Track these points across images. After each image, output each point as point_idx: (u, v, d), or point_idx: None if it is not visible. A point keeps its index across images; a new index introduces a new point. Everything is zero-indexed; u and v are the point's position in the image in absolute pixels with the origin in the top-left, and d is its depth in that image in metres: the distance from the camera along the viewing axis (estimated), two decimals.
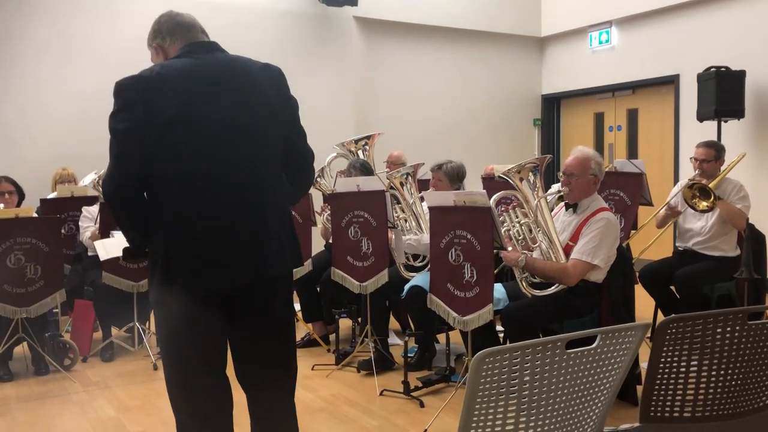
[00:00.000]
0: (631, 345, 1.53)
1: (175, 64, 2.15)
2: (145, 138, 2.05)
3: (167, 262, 2.08)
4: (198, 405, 2.21)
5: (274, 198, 2.22)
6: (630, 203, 4.54)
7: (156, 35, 2.28)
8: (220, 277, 2.11)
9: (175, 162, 2.08)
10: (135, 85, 2.07)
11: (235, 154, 2.13)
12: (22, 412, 3.67)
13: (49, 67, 6.10)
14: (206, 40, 2.25)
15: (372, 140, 5.47)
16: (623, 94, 8.18)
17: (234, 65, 2.20)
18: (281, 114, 2.26)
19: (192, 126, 2.08)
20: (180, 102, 2.07)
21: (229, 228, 2.11)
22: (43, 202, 5.17)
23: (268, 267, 2.18)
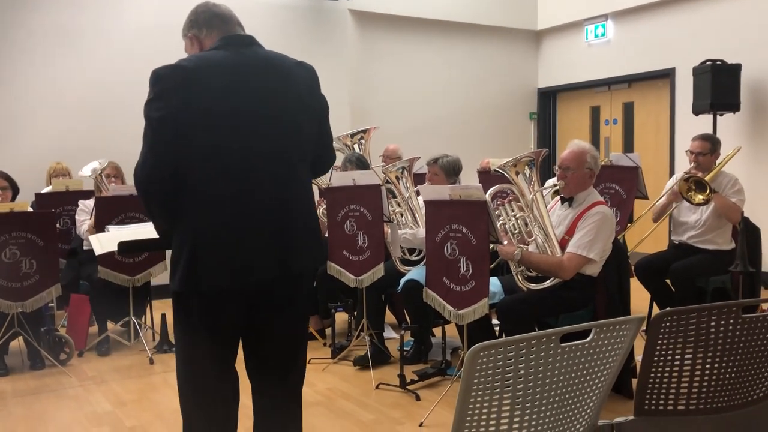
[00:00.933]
0: (625, 338, 1.53)
1: (213, 56, 2.13)
2: (178, 128, 2.04)
3: (193, 254, 2.07)
4: (206, 399, 2.22)
5: (302, 195, 2.23)
6: (626, 197, 4.54)
7: (192, 25, 2.25)
8: (245, 272, 2.10)
9: (206, 154, 2.08)
10: (172, 74, 2.05)
11: (267, 150, 2.13)
12: (18, 406, 3.67)
13: (44, 60, 6.07)
14: (243, 34, 2.24)
15: (368, 134, 5.46)
16: (619, 87, 8.18)
17: (270, 61, 2.20)
18: (313, 113, 2.26)
19: (226, 120, 2.07)
20: (216, 95, 2.06)
21: (256, 224, 2.11)
22: (38, 196, 5.16)
23: (293, 264, 2.17)
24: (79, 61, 6.15)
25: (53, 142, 5.89)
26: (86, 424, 3.40)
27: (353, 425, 3.33)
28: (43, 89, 6.05)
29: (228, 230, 2.08)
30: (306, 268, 2.25)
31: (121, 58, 6.18)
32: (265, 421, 2.32)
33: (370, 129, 5.49)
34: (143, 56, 6.10)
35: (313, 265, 2.30)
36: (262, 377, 2.29)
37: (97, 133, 5.88)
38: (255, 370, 2.30)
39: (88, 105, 6.03)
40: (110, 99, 5.99)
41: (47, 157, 5.65)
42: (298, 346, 2.33)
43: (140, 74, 2.18)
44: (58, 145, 5.85)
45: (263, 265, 2.12)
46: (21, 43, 6.01)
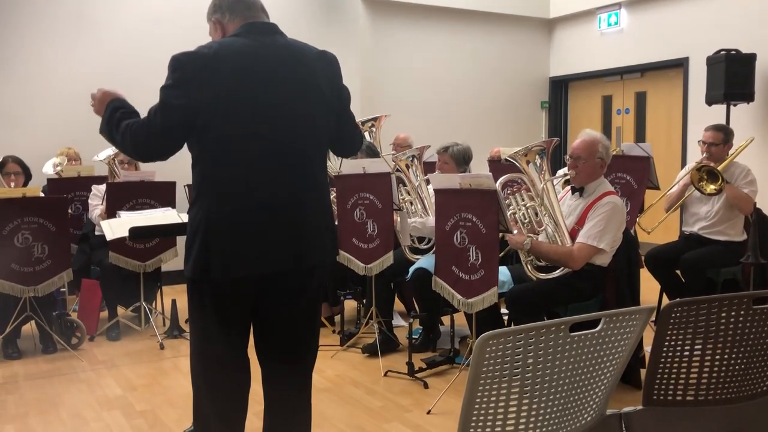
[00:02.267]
0: (635, 328, 1.53)
1: (234, 43, 2.12)
2: (195, 118, 2.05)
3: (206, 243, 2.09)
4: (217, 384, 2.25)
5: (317, 187, 2.23)
6: (637, 187, 4.52)
7: (216, 10, 2.24)
8: (257, 263, 2.11)
9: (221, 143, 2.08)
10: (191, 61, 2.06)
11: (283, 140, 2.13)
12: (31, 389, 3.71)
13: (53, 47, 6.08)
14: (266, 21, 2.23)
15: (378, 122, 5.45)
16: (631, 77, 8.12)
17: (291, 50, 2.19)
18: (333, 102, 2.26)
19: (242, 109, 2.07)
20: (233, 84, 2.06)
21: (270, 215, 2.11)
22: (50, 181, 5.19)
23: (306, 257, 2.18)
24: (93, 47, 6.16)
25: (66, 128, 5.92)
26: (97, 408, 3.44)
27: (361, 412, 3.35)
28: (57, 75, 6.06)
29: (241, 220, 2.09)
30: (319, 260, 2.25)
31: (135, 45, 6.18)
32: (274, 408, 2.34)
33: (380, 117, 5.48)
34: (157, 43, 6.11)
35: (327, 258, 2.29)
36: (272, 364, 2.31)
37: None
38: (265, 357, 2.32)
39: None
40: (124, 85, 6.00)
41: (60, 143, 5.67)
42: (309, 335, 2.34)
43: (154, 61, 2.19)
44: (71, 131, 5.88)
45: (276, 257, 2.13)
46: (35, 29, 6.02)
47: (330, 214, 2.31)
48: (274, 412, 2.34)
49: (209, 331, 2.21)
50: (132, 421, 3.27)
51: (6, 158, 4.72)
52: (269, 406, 2.34)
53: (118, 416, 3.33)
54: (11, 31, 5.95)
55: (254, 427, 2.49)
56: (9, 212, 4.08)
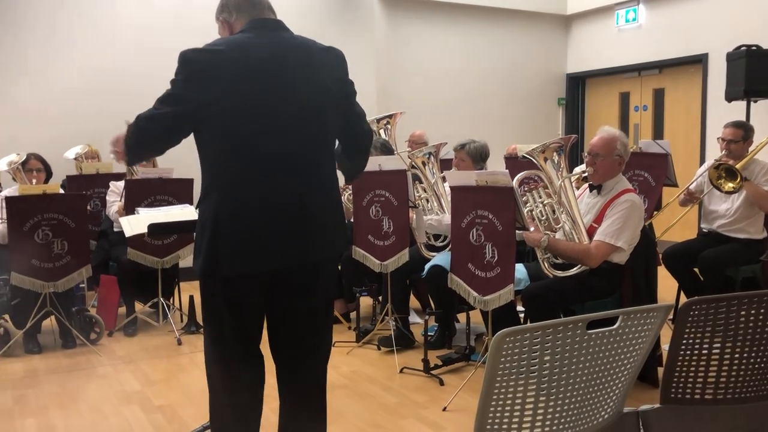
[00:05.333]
0: (652, 326, 1.52)
1: (239, 40, 2.15)
2: (201, 115, 2.08)
3: (214, 239, 2.11)
4: (232, 379, 2.27)
5: (324, 182, 2.23)
6: (654, 184, 4.49)
7: (223, 9, 2.28)
8: (264, 259, 2.13)
9: (228, 140, 2.11)
10: (199, 57, 2.08)
11: (289, 136, 2.14)
12: (51, 383, 3.76)
13: (72, 45, 6.14)
14: (271, 18, 2.25)
15: (394, 119, 5.45)
16: (649, 73, 8.05)
17: (297, 46, 2.21)
18: (339, 98, 2.27)
19: (249, 105, 2.09)
20: (239, 80, 2.08)
21: (276, 212, 2.13)
22: (69, 178, 5.25)
23: (313, 253, 2.20)
24: (112, 45, 6.21)
25: (86, 125, 5.97)
26: (116, 403, 3.47)
27: (377, 408, 3.36)
28: (76, 73, 6.12)
29: (247, 217, 2.11)
30: (327, 256, 2.26)
31: (152, 42, 6.23)
32: (289, 404, 2.35)
33: (396, 114, 5.48)
34: (171, 40, 6.15)
35: (334, 253, 2.31)
36: (285, 360, 2.33)
37: (122, 116, 5.96)
38: (279, 353, 2.33)
39: (119, 89, 6.09)
40: (139, 82, 6.06)
41: (79, 141, 5.73)
42: (321, 330, 2.35)
43: (169, 58, 2.20)
44: (91, 128, 5.93)
45: (282, 253, 2.14)
46: (54, 28, 6.08)
47: (338, 211, 2.32)
48: (289, 408, 2.35)
49: (222, 326, 2.23)
50: (150, 415, 3.30)
51: (29, 155, 4.77)
52: (284, 402, 2.36)
53: (136, 411, 3.36)
54: (31, 30, 6.01)
55: (270, 423, 2.51)
56: (30, 209, 4.13)
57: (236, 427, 2.29)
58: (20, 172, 4.66)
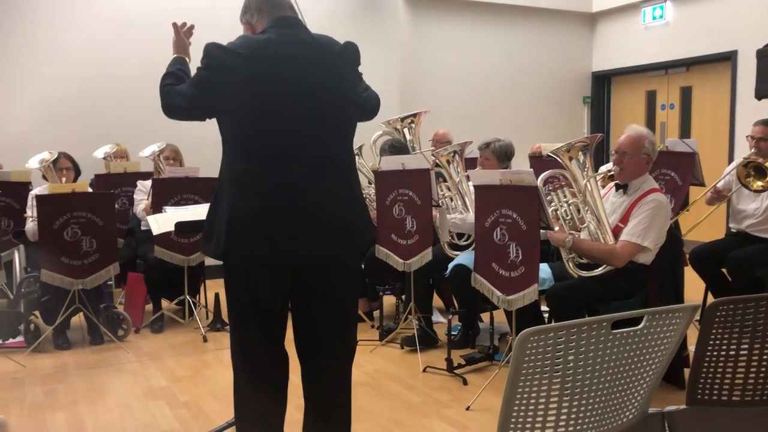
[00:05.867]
0: (678, 327, 1.51)
1: (258, 39, 2.21)
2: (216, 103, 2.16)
3: (230, 232, 2.14)
4: (254, 371, 2.30)
5: (343, 179, 2.25)
6: (681, 183, 4.43)
7: (246, 11, 2.33)
8: (279, 253, 2.16)
9: (246, 136, 2.15)
10: (219, 54, 2.15)
11: (306, 133, 2.17)
12: (80, 379, 3.83)
13: (99, 45, 6.23)
14: (291, 17, 2.29)
15: (418, 118, 5.44)
16: (677, 71, 7.95)
17: (314, 44, 2.24)
18: (355, 96, 2.29)
19: (265, 102, 2.13)
20: (256, 78, 2.12)
21: (292, 206, 2.15)
22: (98, 177, 5.33)
23: (331, 249, 2.22)
24: (138, 45, 6.29)
25: (114, 125, 6.07)
26: (143, 398, 3.53)
27: (400, 406, 3.37)
28: (104, 74, 6.21)
29: (263, 214, 2.13)
30: (346, 253, 2.28)
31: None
32: (313, 401, 2.37)
33: (420, 113, 5.47)
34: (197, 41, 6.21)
35: (354, 249, 2.32)
36: (308, 357, 2.35)
37: (154, 117, 6.03)
38: (302, 350, 2.35)
39: (146, 89, 6.17)
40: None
41: (107, 141, 5.81)
42: (343, 327, 2.36)
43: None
44: (118, 128, 6.02)
45: (298, 249, 2.17)
46: (80, 28, 6.18)
47: (359, 208, 2.33)
48: (313, 405, 2.37)
49: (245, 323, 2.27)
50: (176, 411, 3.35)
51: (59, 154, 4.85)
52: (308, 399, 2.38)
53: (162, 406, 3.41)
54: (56, 30, 6.11)
55: (294, 420, 2.53)
56: (59, 207, 4.21)
57: (260, 423, 2.32)
58: (51, 171, 4.74)
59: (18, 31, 5.99)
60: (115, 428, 3.16)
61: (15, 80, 6.00)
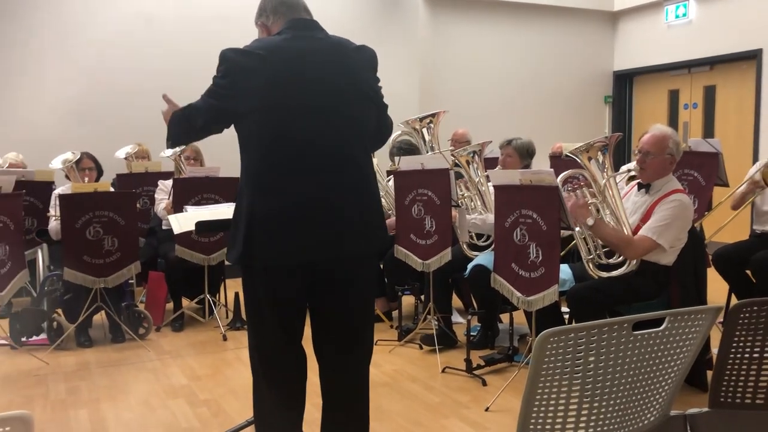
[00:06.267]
0: (701, 328, 1.49)
1: (274, 41, 2.22)
2: (235, 108, 2.16)
3: (250, 232, 2.16)
4: (272, 370, 2.31)
5: (360, 179, 2.26)
6: (704, 184, 4.38)
7: (261, 13, 2.35)
8: (298, 253, 2.17)
9: (263, 136, 2.16)
10: (236, 58, 2.16)
11: (323, 133, 2.18)
12: (101, 376, 3.87)
13: (121, 46, 6.30)
14: (307, 18, 2.30)
15: (437, 118, 5.42)
16: (700, 70, 7.86)
17: (330, 45, 2.25)
18: (371, 95, 2.30)
19: (282, 104, 2.14)
20: (273, 80, 2.14)
21: (310, 206, 2.16)
22: (120, 177, 5.38)
23: (348, 247, 2.22)
24: (160, 46, 6.36)
25: (135, 125, 6.12)
26: (163, 396, 3.56)
27: (419, 406, 3.36)
28: (126, 74, 6.29)
29: (282, 212, 2.15)
30: (362, 251, 2.28)
31: (200, 43, 6.35)
32: (331, 399, 2.37)
33: (439, 113, 5.45)
34: (221, 42, 6.26)
35: (371, 249, 2.32)
36: (326, 356, 2.35)
37: None
38: (320, 349, 2.36)
39: (168, 89, 6.23)
40: (187, 80, 6.19)
41: (129, 141, 5.87)
42: (361, 326, 2.36)
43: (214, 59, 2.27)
44: (140, 128, 6.08)
45: (315, 247, 2.18)
46: (102, 29, 6.25)
47: (376, 207, 2.34)
48: (331, 404, 2.38)
49: (262, 321, 2.28)
50: (196, 409, 3.37)
51: (82, 154, 4.91)
52: (326, 397, 2.38)
53: (182, 404, 3.43)
54: (79, 32, 6.19)
55: (313, 419, 2.54)
56: (82, 206, 4.26)
57: (279, 422, 2.33)
58: (74, 170, 4.80)
59: (42, 32, 6.08)
60: (136, 425, 3.19)
61: (39, 82, 6.09)
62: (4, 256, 4.02)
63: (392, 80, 7.19)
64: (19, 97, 6.02)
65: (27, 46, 6.03)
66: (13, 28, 5.98)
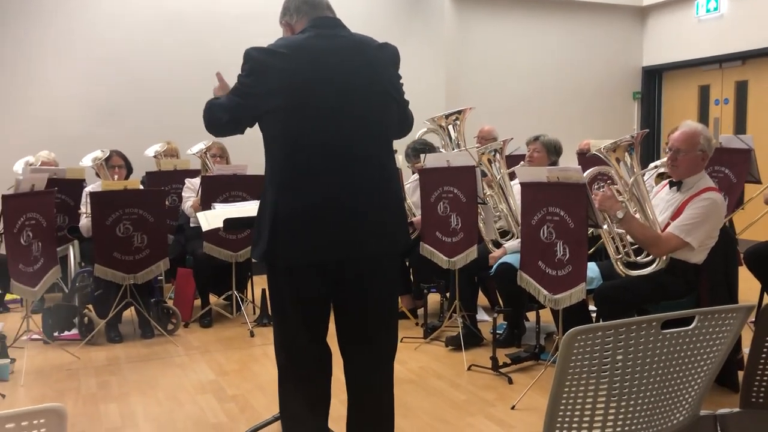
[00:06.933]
0: (732, 328, 1.47)
1: (297, 39, 2.24)
2: (259, 106, 2.19)
3: (274, 230, 2.18)
4: (298, 367, 2.33)
5: (382, 176, 2.27)
6: (736, 181, 4.30)
7: (285, 12, 2.37)
8: (321, 251, 2.19)
9: (286, 135, 2.18)
10: (259, 56, 2.19)
11: (346, 131, 2.19)
12: (131, 371, 3.93)
13: (151, 46, 6.37)
14: (330, 17, 2.31)
15: (463, 115, 5.40)
16: (731, 65, 7.72)
17: (352, 44, 2.27)
18: (393, 92, 2.31)
19: (305, 102, 2.16)
20: (297, 78, 2.16)
21: (333, 204, 2.18)
22: (149, 175, 5.46)
23: (371, 244, 2.23)
24: (186, 45, 6.42)
25: (164, 123, 6.20)
26: (191, 391, 3.60)
27: (445, 404, 3.36)
28: (156, 75, 6.36)
29: (305, 210, 2.16)
30: (386, 249, 2.29)
31: (227, 42, 6.41)
32: (356, 395, 2.39)
33: (465, 110, 5.43)
34: (248, 40, 6.32)
35: (395, 247, 2.33)
36: (351, 352, 2.37)
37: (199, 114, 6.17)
38: (344, 346, 2.38)
39: (195, 88, 6.30)
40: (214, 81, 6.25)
41: (157, 139, 5.95)
42: (384, 322, 2.37)
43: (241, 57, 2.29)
44: (168, 126, 6.16)
45: (338, 245, 2.19)
46: (128, 29, 6.33)
47: (398, 204, 2.35)
48: (356, 400, 2.39)
49: (287, 317, 2.30)
50: (224, 404, 3.41)
51: (112, 152, 4.99)
52: (351, 393, 2.39)
53: (210, 399, 3.47)
54: (109, 31, 6.27)
55: (340, 415, 2.55)
56: (112, 203, 4.32)
57: (305, 418, 2.35)
58: (104, 168, 4.88)
59: (71, 30, 6.18)
60: (165, 420, 3.23)
61: (70, 81, 6.19)
62: (38, 253, 4.10)
63: (418, 78, 7.23)
64: (49, 96, 6.13)
65: (57, 44, 6.14)
66: (42, 25, 6.08)
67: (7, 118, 6.01)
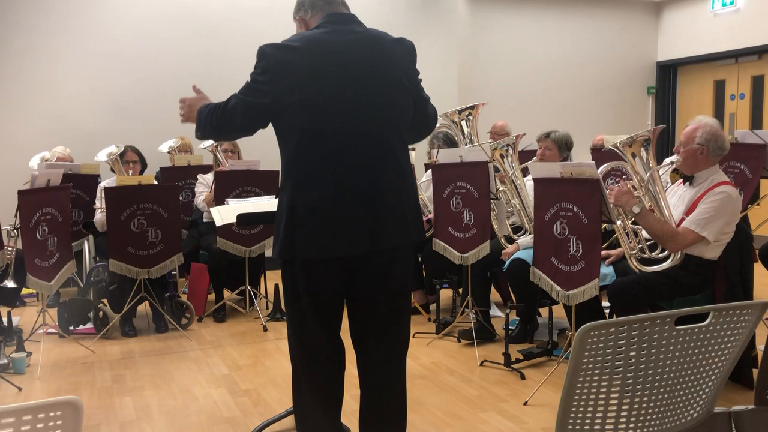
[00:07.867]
0: (746, 324, 1.46)
1: (312, 35, 2.24)
2: (277, 102, 2.17)
3: (290, 226, 2.19)
4: (311, 362, 2.35)
5: (397, 170, 2.27)
6: (751, 176, 4.26)
7: (299, 8, 2.37)
8: (338, 245, 2.19)
9: (302, 130, 2.19)
10: (274, 53, 2.18)
11: (361, 129, 2.20)
12: (145, 365, 3.96)
13: (163, 41, 6.40)
14: (345, 12, 2.31)
15: (476, 110, 5.39)
16: (748, 59, 7.64)
17: (368, 39, 2.26)
18: (409, 88, 2.31)
19: (322, 99, 2.16)
20: (312, 73, 2.16)
21: (349, 198, 2.18)
22: (163, 170, 5.49)
23: (386, 239, 2.24)
24: (200, 41, 6.44)
25: (178, 118, 6.22)
26: (205, 385, 3.62)
27: (457, 399, 3.37)
28: (167, 70, 6.39)
29: (322, 205, 2.17)
30: (401, 242, 2.29)
31: (240, 37, 6.43)
32: (369, 390, 2.40)
33: (478, 105, 5.42)
34: (260, 36, 6.33)
35: (409, 241, 2.33)
36: (364, 346, 2.38)
37: None
38: (357, 340, 2.39)
39: (208, 84, 6.33)
40: (226, 75, 6.28)
41: (171, 135, 5.97)
42: (397, 318, 2.37)
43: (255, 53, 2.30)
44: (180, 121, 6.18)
45: (355, 239, 2.19)
46: (141, 24, 6.36)
47: (413, 199, 2.35)
48: (369, 395, 2.40)
49: (301, 311, 2.31)
50: (237, 398, 3.43)
51: (126, 147, 5.02)
52: (364, 388, 2.40)
53: (224, 393, 3.50)
54: (123, 26, 6.31)
55: (352, 410, 2.56)
56: (126, 198, 4.35)
57: (318, 412, 2.36)
58: (118, 163, 4.91)
59: (85, 26, 6.21)
60: (179, 413, 3.26)
61: (84, 77, 6.23)
62: (53, 247, 4.13)
63: (431, 73, 7.20)
64: (64, 92, 6.17)
65: (69, 41, 6.17)
66: (55, 21, 6.12)
67: (22, 115, 6.06)
